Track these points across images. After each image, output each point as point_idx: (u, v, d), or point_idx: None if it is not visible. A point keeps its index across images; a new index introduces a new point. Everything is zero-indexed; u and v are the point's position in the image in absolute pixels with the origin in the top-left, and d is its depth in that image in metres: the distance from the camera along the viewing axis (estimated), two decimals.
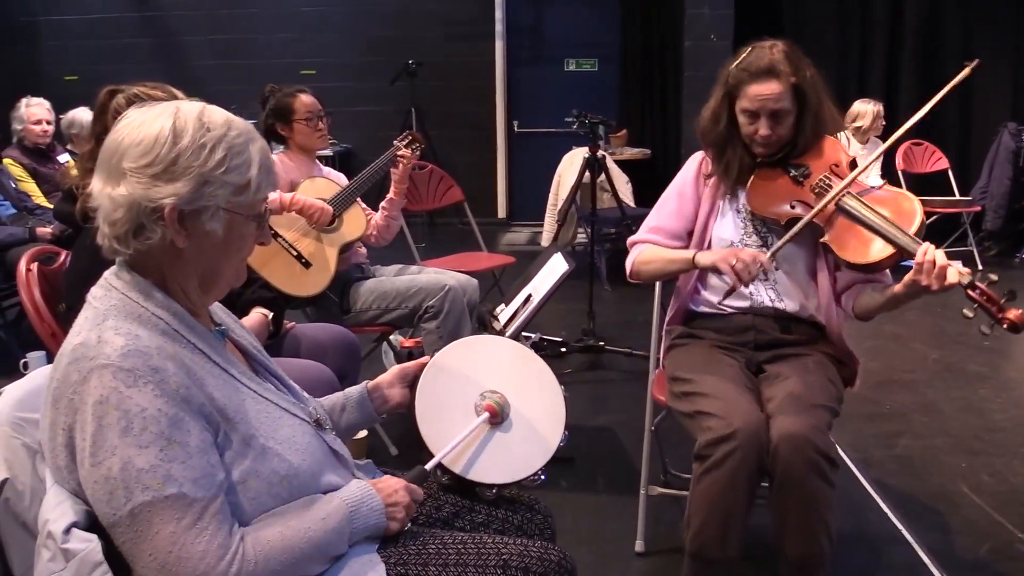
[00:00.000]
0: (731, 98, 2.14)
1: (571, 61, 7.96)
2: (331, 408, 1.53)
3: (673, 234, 2.26)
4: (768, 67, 2.07)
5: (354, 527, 1.24)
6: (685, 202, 2.26)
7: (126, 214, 1.13)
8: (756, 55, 2.10)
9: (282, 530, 1.16)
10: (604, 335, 4.35)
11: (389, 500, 1.31)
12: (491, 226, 7.68)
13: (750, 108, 2.10)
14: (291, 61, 7.81)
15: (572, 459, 3.06)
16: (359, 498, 1.26)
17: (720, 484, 1.83)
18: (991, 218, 6.50)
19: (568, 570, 1.35)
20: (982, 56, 7.26)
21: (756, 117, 2.10)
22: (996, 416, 3.51)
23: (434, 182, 4.57)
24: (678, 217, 2.26)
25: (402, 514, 1.32)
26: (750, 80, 2.08)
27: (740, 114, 2.12)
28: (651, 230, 2.29)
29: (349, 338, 2.67)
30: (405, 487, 1.35)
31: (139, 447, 1.05)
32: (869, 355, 4.24)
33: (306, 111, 3.10)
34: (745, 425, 1.82)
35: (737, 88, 2.11)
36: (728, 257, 2.01)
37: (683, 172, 2.31)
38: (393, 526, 1.31)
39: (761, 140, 2.12)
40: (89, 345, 1.09)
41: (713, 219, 2.22)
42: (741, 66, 2.11)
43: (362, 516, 1.25)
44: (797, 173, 2.14)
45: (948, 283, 1.83)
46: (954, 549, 2.50)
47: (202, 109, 1.18)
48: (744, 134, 2.15)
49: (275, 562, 1.13)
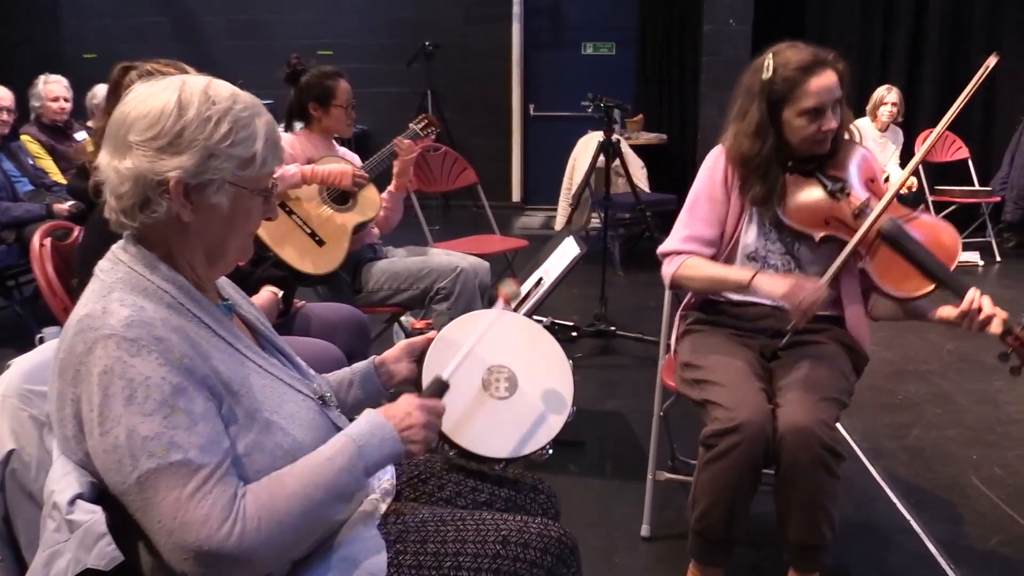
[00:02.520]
0: (777, 108, 2.03)
1: (588, 45, 7.90)
2: (338, 384, 1.52)
3: (709, 242, 2.15)
4: (816, 58, 2.00)
5: (368, 462, 1.21)
6: (717, 206, 2.15)
7: (132, 187, 1.13)
8: (792, 55, 2.01)
9: (284, 480, 1.14)
10: (616, 320, 4.34)
11: (403, 424, 1.27)
12: (505, 209, 7.67)
13: (813, 105, 1.99)
14: (309, 42, 7.79)
15: (581, 443, 3.06)
16: (368, 431, 1.23)
17: (725, 473, 1.85)
18: (1011, 209, 6.42)
19: (569, 547, 1.34)
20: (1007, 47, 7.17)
21: (820, 114, 2.00)
22: (1010, 408, 3.48)
23: (448, 164, 4.57)
24: (712, 222, 2.15)
25: (421, 435, 1.28)
26: (807, 76, 1.98)
27: (798, 117, 2.01)
28: (687, 239, 2.15)
29: (359, 318, 2.68)
30: (420, 406, 1.30)
31: (143, 415, 1.06)
32: (884, 345, 4.21)
33: (345, 98, 3.08)
34: (750, 418, 1.82)
35: (791, 91, 1.99)
36: (793, 294, 1.91)
37: (709, 173, 2.18)
38: (414, 448, 1.27)
39: (825, 135, 2.03)
40: (94, 316, 1.10)
41: (742, 224, 2.14)
42: (788, 69, 1.99)
43: (374, 448, 1.22)
44: (835, 188, 2.06)
45: (989, 331, 1.87)
46: (963, 541, 2.49)
47: (208, 83, 1.18)
48: (802, 137, 2.03)
49: (281, 513, 1.10)
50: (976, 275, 5.69)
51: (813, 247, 2.11)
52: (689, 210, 2.19)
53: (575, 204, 5.49)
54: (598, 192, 5.24)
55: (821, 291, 1.93)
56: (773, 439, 1.84)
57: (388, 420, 1.26)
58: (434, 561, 1.26)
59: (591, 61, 7.91)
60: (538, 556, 1.29)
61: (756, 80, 2.05)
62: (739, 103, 2.11)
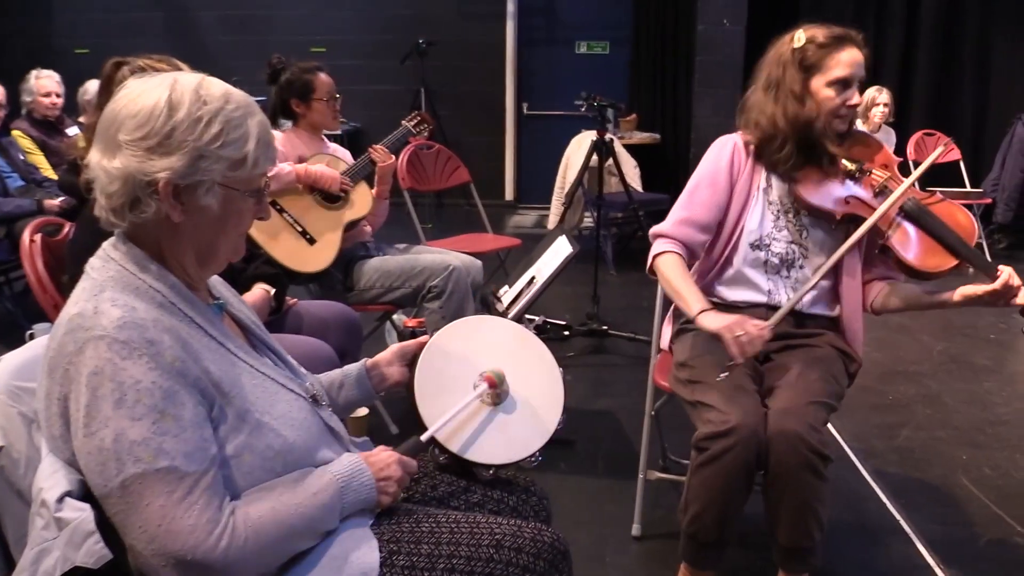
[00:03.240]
0: (806, 74, 2.04)
1: (582, 43, 7.90)
2: (329, 385, 1.53)
3: (703, 226, 2.14)
4: (846, 34, 2.04)
5: (345, 502, 1.24)
6: (718, 192, 2.14)
7: (121, 187, 1.13)
8: (822, 28, 2.05)
9: (273, 505, 1.15)
10: (608, 319, 4.34)
11: (381, 475, 1.30)
12: (498, 208, 7.67)
13: (843, 76, 2.01)
14: (302, 38, 7.78)
15: (572, 442, 3.07)
16: (350, 473, 1.26)
17: (718, 477, 1.85)
18: (1002, 211, 6.45)
19: (561, 551, 1.34)
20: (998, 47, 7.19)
21: (847, 86, 2.03)
22: (1000, 409, 3.49)
23: (441, 162, 4.56)
24: (711, 207, 2.14)
25: (394, 488, 1.31)
26: (838, 47, 2.02)
27: (827, 88, 2.02)
28: (681, 221, 2.14)
29: (351, 316, 2.67)
30: (398, 460, 1.34)
31: (132, 419, 1.05)
32: (875, 346, 4.23)
33: (326, 90, 3.07)
34: (744, 422, 1.82)
35: (823, 59, 2.02)
36: (733, 327, 1.89)
37: (714, 158, 2.18)
38: (384, 500, 1.30)
39: (848, 111, 2.05)
40: (86, 316, 1.09)
41: (747, 211, 2.14)
42: (820, 38, 2.03)
43: (352, 491, 1.25)
44: (855, 167, 2.08)
45: (1016, 303, 1.89)
46: (953, 541, 2.49)
47: (200, 81, 1.16)
48: (828, 109, 2.04)
49: (265, 536, 1.12)
50: (968, 276, 5.70)
51: (828, 230, 2.12)
52: (689, 193, 2.18)
53: (568, 203, 5.49)
54: (591, 191, 5.24)
55: (765, 331, 1.91)
56: (765, 441, 1.84)
57: (369, 467, 1.29)
58: (427, 563, 1.26)
59: (585, 60, 7.91)
60: (531, 561, 1.29)
61: (786, 50, 2.07)
62: (767, 74, 2.11)
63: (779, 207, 2.14)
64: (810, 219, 2.13)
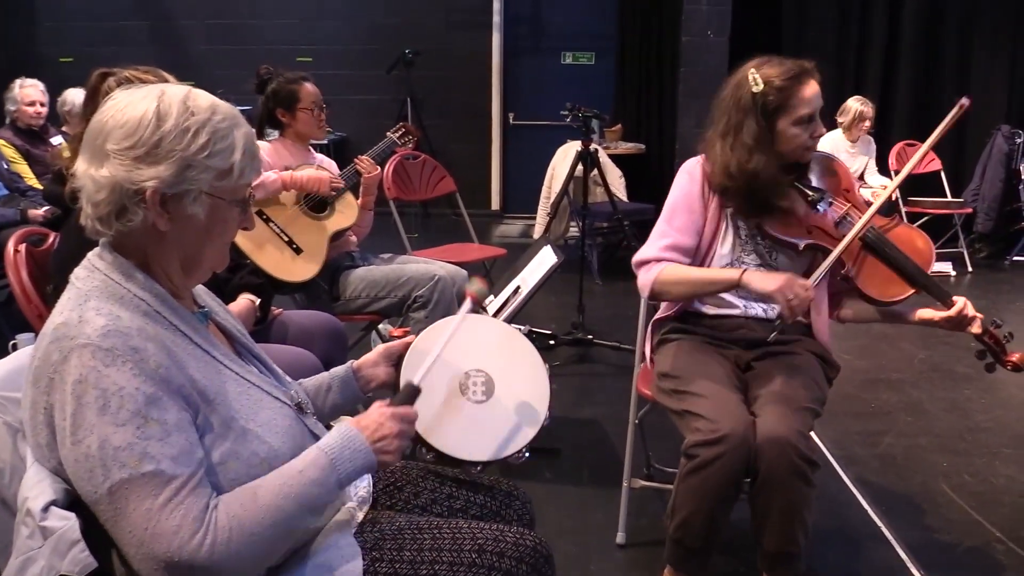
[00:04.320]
0: (772, 119, 2.04)
1: (568, 54, 7.95)
2: (316, 389, 1.53)
3: (687, 251, 2.14)
4: (802, 68, 2.04)
5: (340, 474, 1.21)
6: (696, 217, 2.15)
7: (108, 196, 1.14)
8: (776, 67, 2.04)
9: (256, 492, 1.14)
10: (593, 329, 4.36)
11: (375, 435, 1.26)
12: (484, 218, 7.68)
13: (808, 112, 2.03)
14: (288, 48, 7.78)
15: (557, 450, 3.08)
16: (340, 443, 1.23)
17: (706, 484, 1.87)
18: (982, 220, 6.54)
19: (543, 555, 1.35)
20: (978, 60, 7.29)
21: (812, 120, 2.05)
22: (979, 417, 3.53)
23: (427, 172, 4.57)
24: (692, 233, 2.15)
25: (395, 444, 1.27)
26: (798, 85, 2.02)
27: (793, 126, 2.03)
28: (666, 248, 2.13)
29: (336, 325, 2.68)
30: (392, 415, 1.29)
31: (116, 425, 1.06)
32: (857, 354, 4.27)
33: (311, 100, 3.08)
34: (733, 429, 1.84)
35: (786, 101, 2.02)
36: (784, 290, 1.93)
37: (686, 184, 2.18)
38: (387, 459, 1.27)
39: (813, 144, 2.08)
40: (70, 325, 1.10)
41: (719, 236, 2.16)
42: (779, 80, 2.02)
43: (346, 460, 1.22)
44: (815, 198, 2.10)
45: (969, 331, 1.98)
46: (933, 547, 2.52)
47: (187, 93, 1.18)
48: (796, 146, 2.06)
49: (252, 525, 1.11)
50: (949, 285, 5.77)
51: (793, 256, 2.15)
52: (667, 219, 2.17)
53: (553, 213, 5.51)
54: (576, 201, 5.27)
55: (810, 290, 1.97)
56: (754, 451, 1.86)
57: (360, 431, 1.25)
58: (410, 569, 1.27)
59: (570, 71, 7.96)
60: (513, 565, 1.30)
61: (745, 94, 2.05)
62: (727, 119, 2.09)
63: (747, 232, 2.18)
64: (775, 245, 2.16)
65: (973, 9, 6.92)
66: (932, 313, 2.01)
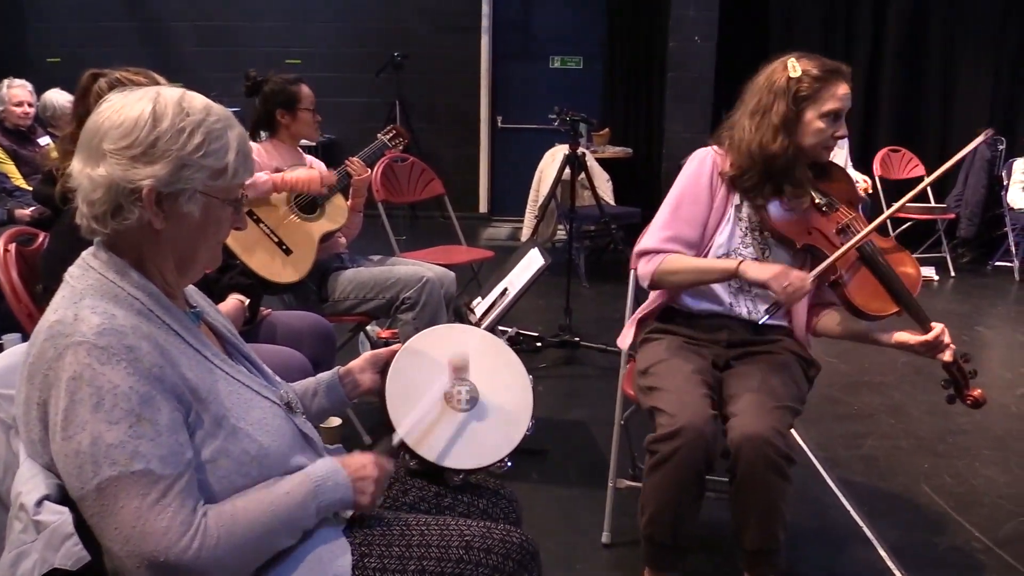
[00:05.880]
0: (799, 108, 2.06)
1: (556, 58, 7.98)
2: (303, 393, 1.54)
3: (691, 243, 2.16)
4: (839, 68, 2.08)
5: (320, 502, 1.25)
6: (702, 208, 2.16)
7: (105, 194, 1.15)
8: (815, 60, 2.08)
9: (245, 505, 1.17)
10: (580, 331, 4.39)
11: (357, 475, 1.31)
12: (472, 220, 7.70)
13: (836, 108, 2.06)
14: (277, 50, 7.78)
15: (544, 452, 3.10)
16: (324, 473, 1.27)
17: (668, 478, 1.90)
18: (965, 226, 6.60)
19: (530, 552, 1.37)
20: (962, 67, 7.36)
21: (838, 118, 2.08)
22: (960, 419, 3.57)
23: (415, 175, 4.59)
24: (696, 224, 2.16)
25: (372, 488, 1.32)
26: (833, 81, 2.05)
27: (819, 119, 2.06)
28: (669, 239, 2.15)
29: (325, 326, 2.69)
30: (374, 462, 1.35)
31: (109, 423, 1.08)
32: (840, 357, 4.31)
33: (310, 101, 3.14)
34: (690, 422, 1.87)
35: (818, 92, 2.05)
36: (780, 278, 1.97)
37: (694, 173, 2.19)
38: (363, 500, 1.31)
39: (834, 144, 2.11)
40: (65, 323, 1.11)
41: (721, 226, 2.18)
42: (815, 70, 2.05)
43: (328, 490, 1.26)
44: (823, 203, 2.15)
45: (941, 359, 2.01)
46: (914, 547, 2.56)
47: (182, 94, 1.20)
48: (818, 141, 2.08)
49: (238, 536, 1.14)
50: (932, 290, 5.83)
51: (788, 254, 2.17)
52: (672, 211, 2.18)
53: (541, 216, 5.54)
54: (564, 204, 5.29)
55: (807, 280, 1.99)
56: (714, 443, 1.89)
57: (344, 468, 1.30)
58: (398, 564, 1.29)
59: (559, 75, 7.99)
60: (500, 561, 1.32)
61: (781, 78, 2.07)
62: (757, 99, 2.11)
63: (747, 224, 2.19)
64: (774, 240, 2.18)
65: (956, 17, 7.00)
66: (909, 336, 2.01)
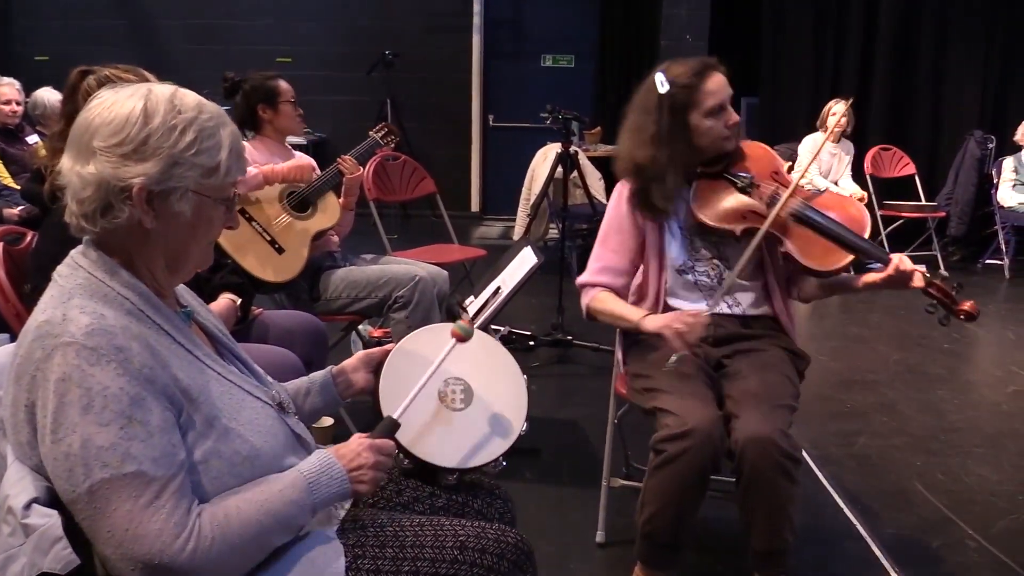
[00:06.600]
0: (683, 115, 2.12)
1: (548, 57, 7.98)
2: (295, 392, 1.53)
3: (621, 271, 2.24)
4: (705, 64, 2.12)
5: (316, 498, 1.23)
6: (626, 237, 2.23)
7: (95, 192, 1.14)
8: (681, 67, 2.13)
9: (239, 504, 1.16)
10: (572, 330, 4.38)
11: (352, 464, 1.29)
12: (464, 219, 7.69)
13: (717, 102, 2.11)
14: (268, 48, 7.76)
15: (537, 451, 3.09)
16: (318, 469, 1.26)
17: (673, 479, 1.89)
18: (955, 224, 6.63)
19: (525, 552, 1.36)
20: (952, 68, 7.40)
21: (723, 110, 2.12)
22: (953, 417, 3.59)
23: (407, 173, 4.58)
24: (622, 253, 2.23)
25: (369, 475, 1.30)
26: (703, 79, 2.11)
27: (706, 118, 2.11)
28: (599, 271, 2.24)
29: (317, 326, 2.68)
30: (370, 446, 1.32)
31: (99, 425, 1.06)
32: (832, 355, 4.32)
33: (290, 94, 3.14)
34: (700, 424, 1.87)
35: (692, 96, 2.10)
36: (672, 322, 1.99)
37: (615, 204, 2.28)
38: (362, 488, 1.29)
39: (732, 129, 2.14)
40: (54, 323, 1.10)
41: (665, 242, 2.21)
42: (683, 78, 2.11)
43: (323, 486, 1.24)
44: (743, 183, 2.16)
45: (913, 286, 1.95)
46: (907, 544, 2.56)
47: (174, 91, 1.18)
48: (713, 138, 2.13)
49: (233, 536, 1.13)
50: None
51: (735, 245, 2.18)
52: (600, 243, 2.28)
53: (533, 214, 5.52)
54: (556, 203, 5.29)
55: (701, 318, 1.99)
56: (721, 445, 1.88)
57: (338, 460, 1.28)
58: (392, 566, 1.27)
59: (550, 73, 7.99)
60: (495, 561, 1.32)
61: (651, 97, 2.14)
62: (630, 121, 2.21)
63: (688, 231, 2.22)
64: (717, 236, 2.20)
65: (947, 16, 7.03)
66: (874, 276, 2.02)
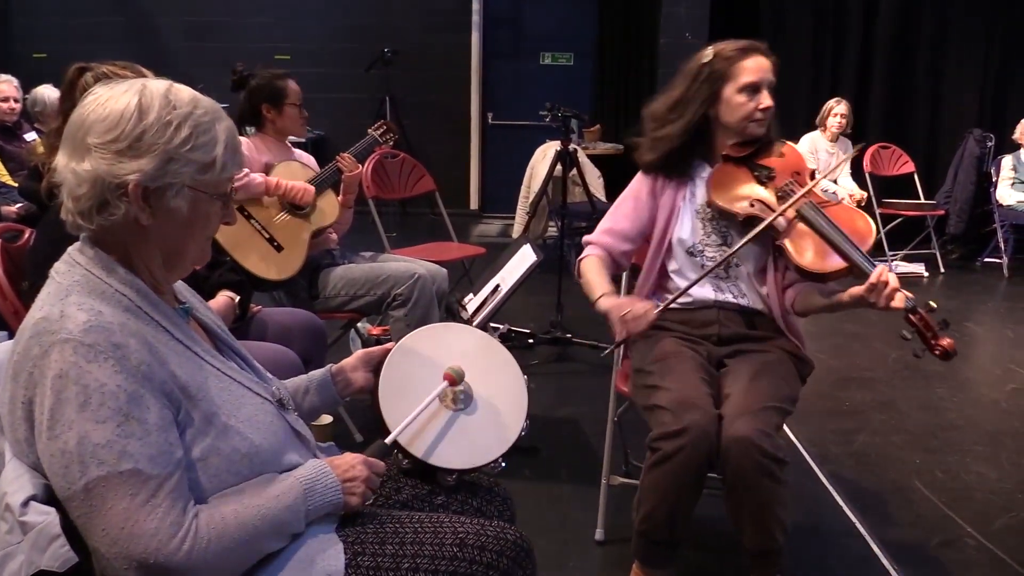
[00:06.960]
0: (715, 86, 2.15)
1: (547, 55, 7.97)
2: (294, 390, 1.53)
3: (624, 236, 2.27)
4: (751, 44, 2.15)
5: (310, 505, 1.25)
6: (640, 206, 2.27)
7: (90, 189, 1.13)
8: (728, 43, 2.17)
9: (236, 507, 1.16)
10: (571, 328, 4.38)
11: (345, 476, 1.30)
12: (463, 217, 7.68)
13: (752, 81, 2.12)
14: (266, 46, 7.74)
15: (537, 449, 3.09)
16: (313, 476, 1.27)
17: (669, 476, 1.89)
18: (954, 222, 6.63)
19: (525, 549, 1.36)
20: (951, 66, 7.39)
21: (757, 90, 2.13)
22: (951, 415, 3.59)
23: (406, 171, 4.56)
24: (632, 220, 2.27)
25: (361, 488, 1.32)
26: (743, 56, 2.13)
27: (737, 94, 2.13)
28: (604, 231, 2.29)
29: (316, 323, 2.67)
30: (363, 461, 1.35)
31: (96, 422, 1.06)
32: (831, 353, 4.32)
33: (297, 97, 3.12)
34: (695, 422, 1.86)
35: (728, 69, 2.13)
36: (622, 306, 2.03)
37: (638, 177, 2.32)
38: (352, 501, 1.31)
39: (763, 114, 2.15)
40: (51, 320, 1.09)
41: (674, 222, 2.24)
42: (726, 51, 2.14)
43: (317, 494, 1.26)
44: (761, 174, 2.19)
45: (893, 306, 1.92)
46: (906, 542, 2.56)
47: (168, 87, 1.18)
48: (742, 115, 2.15)
49: (229, 539, 1.13)
50: (921, 286, 5.85)
51: (740, 229, 2.18)
52: (615, 206, 2.33)
53: (532, 212, 5.52)
54: (555, 201, 5.28)
55: (650, 311, 2.02)
56: (717, 443, 1.88)
57: (332, 469, 1.30)
58: (392, 562, 1.27)
59: (550, 71, 7.98)
60: (494, 558, 1.31)
61: (695, 64, 2.19)
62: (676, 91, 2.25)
63: (703, 215, 2.23)
64: (726, 222, 2.21)
65: (946, 15, 7.02)
66: (859, 288, 1.98)
